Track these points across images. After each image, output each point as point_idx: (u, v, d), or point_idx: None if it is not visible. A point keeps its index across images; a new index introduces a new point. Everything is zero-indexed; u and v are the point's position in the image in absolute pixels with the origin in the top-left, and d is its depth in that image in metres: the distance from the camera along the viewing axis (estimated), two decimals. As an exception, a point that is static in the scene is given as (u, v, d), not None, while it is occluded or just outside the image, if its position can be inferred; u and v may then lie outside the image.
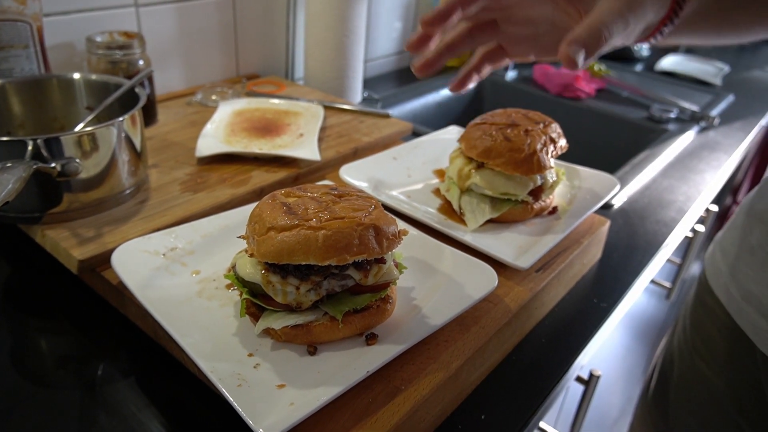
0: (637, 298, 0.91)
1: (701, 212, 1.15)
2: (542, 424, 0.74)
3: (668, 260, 1.03)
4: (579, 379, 0.82)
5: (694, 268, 1.69)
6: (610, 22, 0.49)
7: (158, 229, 0.71)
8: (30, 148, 0.66)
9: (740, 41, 0.63)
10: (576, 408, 0.86)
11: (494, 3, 0.57)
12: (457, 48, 0.61)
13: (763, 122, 1.59)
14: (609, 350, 1.20)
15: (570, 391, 0.90)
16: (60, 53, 1.00)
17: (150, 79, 0.99)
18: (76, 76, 0.85)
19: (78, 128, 0.81)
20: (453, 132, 1.03)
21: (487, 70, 0.65)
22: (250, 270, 0.57)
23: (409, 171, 0.91)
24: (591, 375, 0.82)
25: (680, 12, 0.53)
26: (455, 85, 0.65)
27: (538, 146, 0.76)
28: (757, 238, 0.70)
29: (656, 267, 0.95)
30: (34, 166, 0.64)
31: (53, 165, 0.67)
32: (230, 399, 0.48)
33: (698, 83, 1.83)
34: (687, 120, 1.51)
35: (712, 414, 0.74)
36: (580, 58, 0.48)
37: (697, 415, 0.76)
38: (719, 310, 0.74)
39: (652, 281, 1.11)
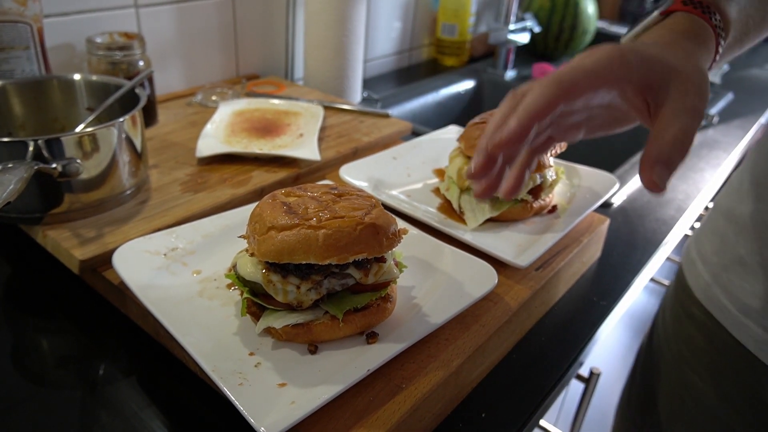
0: (637, 297, 0.91)
1: (700, 210, 1.15)
2: (543, 423, 0.74)
3: (668, 258, 1.03)
4: (579, 377, 0.82)
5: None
6: (691, 126, 0.43)
7: (159, 230, 0.72)
8: (31, 148, 0.66)
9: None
10: (576, 406, 0.86)
11: (570, 104, 0.46)
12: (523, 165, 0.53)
13: (762, 120, 1.59)
14: (609, 348, 1.21)
15: (570, 389, 0.90)
16: (60, 54, 1.01)
17: (150, 79, 0.99)
18: (77, 77, 0.85)
19: (78, 129, 0.81)
20: (452, 131, 1.04)
21: (535, 163, 0.57)
22: (251, 269, 0.57)
23: (409, 170, 0.91)
24: (591, 373, 0.82)
25: (720, 52, 0.54)
26: (509, 192, 0.52)
27: (538, 145, 0.77)
28: (746, 248, 0.67)
29: (656, 265, 0.95)
30: (36, 167, 0.64)
31: (54, 166, 0.67)
32: (232, 398, 0.48)
33: (697, 82, 1.83)
34: (686, 118, 1.51)
35: (708, 427, 0.73)
36: (667, 181, 0.43)
37: (692, 428, 0.76)
38: (710, 322, 0.72)
39: (652, 279, 1.11)
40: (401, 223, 0.70)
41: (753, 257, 0.67)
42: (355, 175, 0.85)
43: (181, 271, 0.65)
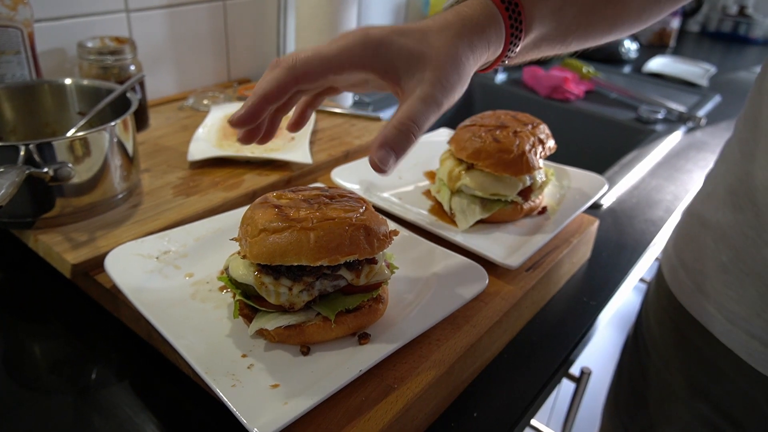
0: (627, 297, 0.92)
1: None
2: (535, 422, 0.75)
3: (656, 259, 1.04)
4: (570, 377, 0.83)
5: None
6: (421, 114, 0.47)
7: (151, 233, 0.72)
8: (22, 153, 0.66)
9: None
10: (568, 405, 0.87)
11: (306, 85, 0.51)
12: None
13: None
14: (599, 348, 1.21)
15: (561, 389, 0.90)
16: (51, 59, 1.01)
17: (141, 83, 0.99)
18: (68, 81, 0.85)
19: (70, 133, 0.81)
20: (443, 134, 1.04)
21: (321, 100, 0.62)
22: (243, 271, 0.57)
23: (400, 173, 0.92)
24: (582, 372, 0.83)
25: (515, 49, 0.54)
26: (293, 126, 0.62)
27: (527, 147, 0.77)
28: (727, 256, 0.67)
29: (645, 265, 0.96)
30: (27, 171, 0.65)
31: (46, 170, 0.67)
32: (224, 399, 0.49)
33: (685, 84, 1.85)
34: (674, 121, 1.53)
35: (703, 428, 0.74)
36: (390, 163, 0.47)
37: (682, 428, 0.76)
38: (698, 329, 0.72)
39: (641, 280, 1.12)
40: (392, 225, 0.71)
41: (735, 265, 0.66)
42: (346, 177, 0.86)
43: (173, 274, 0.65)
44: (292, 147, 0.97)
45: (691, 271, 0.74)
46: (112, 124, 0.73)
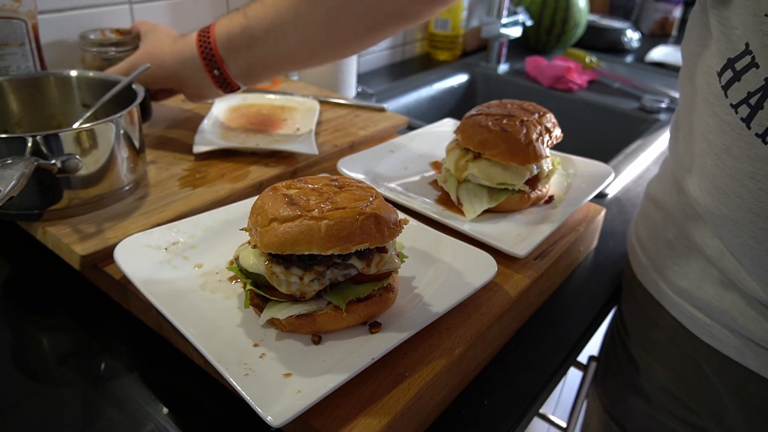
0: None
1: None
2: (542, 411, 0.75)
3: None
4: (577, 365, 0.83)
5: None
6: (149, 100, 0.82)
7: (159, 224, 0.72)
8: (30, 144, 0.66)
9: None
10: (575, 393, 0.87)
11: None
12: None
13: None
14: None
15: (568, 377, 0.91)
16: (55, 51, 1.00)
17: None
18: (73, 73, 0.85)
19: (76, 125, 0.81)
20: (448, 124, 1.04)
21: None
22: (254, 261, 0.57)
23: (406, 163, 0.92)
24: (589, 360, 0.83)
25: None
26: None
27: (534, 136, 0.77)
28: (673, 233, 0.72)
29: (651, 254, 0.96)
30: (36, 163, 0.64)
31: (53, 161, 0.67)
32: (238, 388, 0.49)
33: (688, 73, 1.84)
34: (678, 110, 1.52)
35: (662, 400, 0.76)
36: None
37: (650, 401, 0.78)
38: (652, 303, 0.76)
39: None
40: (401, 214, 0.71)
41: (680, 241, 0.71)
42: (352, 168, 0.86)
43: (182, 265, 0.65)
44: (297, 138, 0.97)
45: (645, 249, 0.78)
46: (119, 115, 0.73)
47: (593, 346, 0.88)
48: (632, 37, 2.08)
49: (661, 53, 1.97)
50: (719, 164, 0.60)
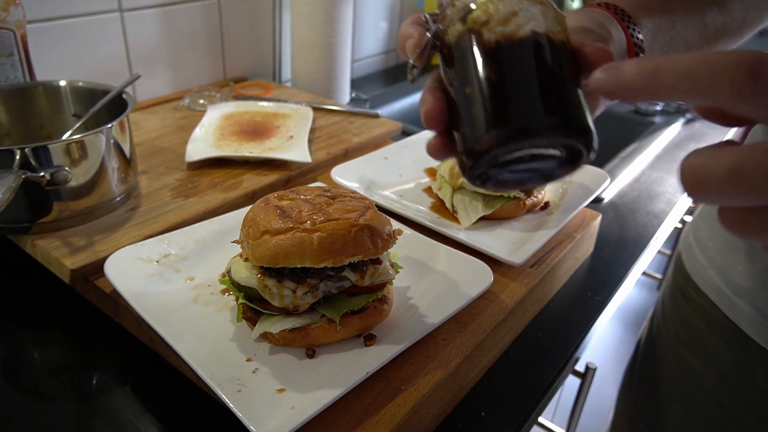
0: (630, 291, 0.91)
1: (690, 203, 1.16)
2: (541, 419, 0.74)
3: (659, 252, 1.04)
4: (575, 373, 0.82)
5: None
6: None
7: (151, 236, 0.71)
8: (18, 157, 0.65)
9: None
10: (573, 401, 0.86)
11: None
12: None
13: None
14: (603, 343, 1.21)
15: (565, 385, 0.90)
16: (45, 60, 0.99)
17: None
18: (62, 83, 0.84)
19: (66, 136, 0.80)
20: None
21: None
22: (246, 274, 0.56)
23: (401, 170, 0.91)
24: (587, 368, 0.82)
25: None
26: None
27: (529, 142, 0.77)
28: None
29: (648, 258, 0.96)
30: (24, 175, 0.63)
31: (42, 174, 0.66)
32: (230, 405, 0.48)
33: (682, 75, 1.85)
34: (673, 112, 1.52)
35: (706, 407, 0.75)
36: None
37: (691, 409, 0.77)
38: (707, 304, 0.74)
39: (644, 273, 1.12)
40: (395, 224, 0.70)
41: (744, 240, 0.69)
42: (346, 176, 0.85)
43: (174, 278, 0.64)
44: (290, 146, 0.96)
45: (705, 249, 0.76)
46: (109, 126, 0.72)
47: (590, 354, 0.88)
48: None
49: (655, 55, 1.97)
50: None
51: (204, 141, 0.95)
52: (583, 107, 0.36)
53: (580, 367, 0.81)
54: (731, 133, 1.40)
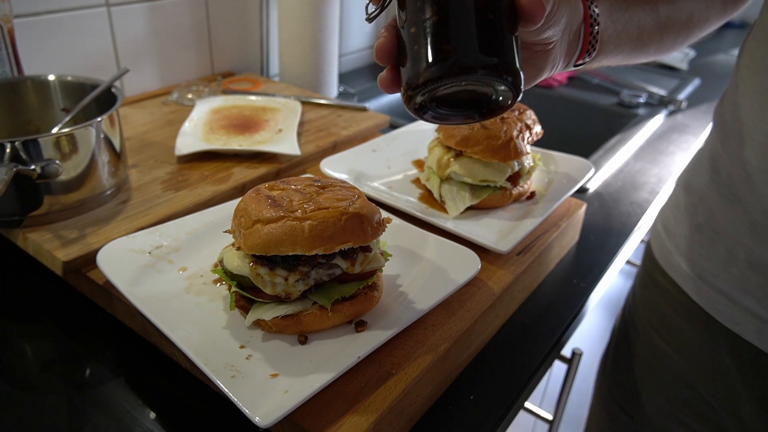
0: (614, 279, 0.93)
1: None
2: (528, 405, 0.76)
3: (642, 241, 1.06)
4: (562, 358, 0.84)
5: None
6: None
7: (142, 228, 0.71)
8: (8, 150, 0.65)
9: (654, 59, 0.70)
10: (560, 386, 0.88)
11: None
12: None
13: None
14: (588, 329, 1.23)
15: (553, 370, 0.92)
16: (32, 54, 0.99)
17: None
18: (51, 77, 0.84)
19: (55, 130, 0.80)
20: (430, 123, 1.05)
21: None
22: (238, 263, 0.57)
23: (389, 162, 0.92)
24: (573, 353, 0.84)
25: (596, 44, 0.56)
26: None
27: (515, 133, 0.78)
28: (703, 216, 0.73)
29: (632, 247, 0.98)
30: (15, 169, 0.64)
31: (33, 167, 0.66)
32: (225, 390, 0.49)
33: (665, 68, 1.87)
34: (656, 104, 1.55)
35: (676, 389, 0.77)
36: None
37: (662, 392, 0.79)
38: (674, 289, 0.77)
39: (628, 262, 1.14)
40: (384, 214, 0.71)
41: (708, 225, 0.72)
42: (335, 168, 0.86)
43: (167, 269, 0.65)
44: (279, 139, 0.97)
45: (672, 235, 0.79)
46: (99, 119, 0.72)
47: (576, 340, 0.90)
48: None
49: (638, 49, 1.99)
50: None
51: (193, 135, 0.96)
52: (514, 51, 0.40)
53: (566, 352, 0.83)
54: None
